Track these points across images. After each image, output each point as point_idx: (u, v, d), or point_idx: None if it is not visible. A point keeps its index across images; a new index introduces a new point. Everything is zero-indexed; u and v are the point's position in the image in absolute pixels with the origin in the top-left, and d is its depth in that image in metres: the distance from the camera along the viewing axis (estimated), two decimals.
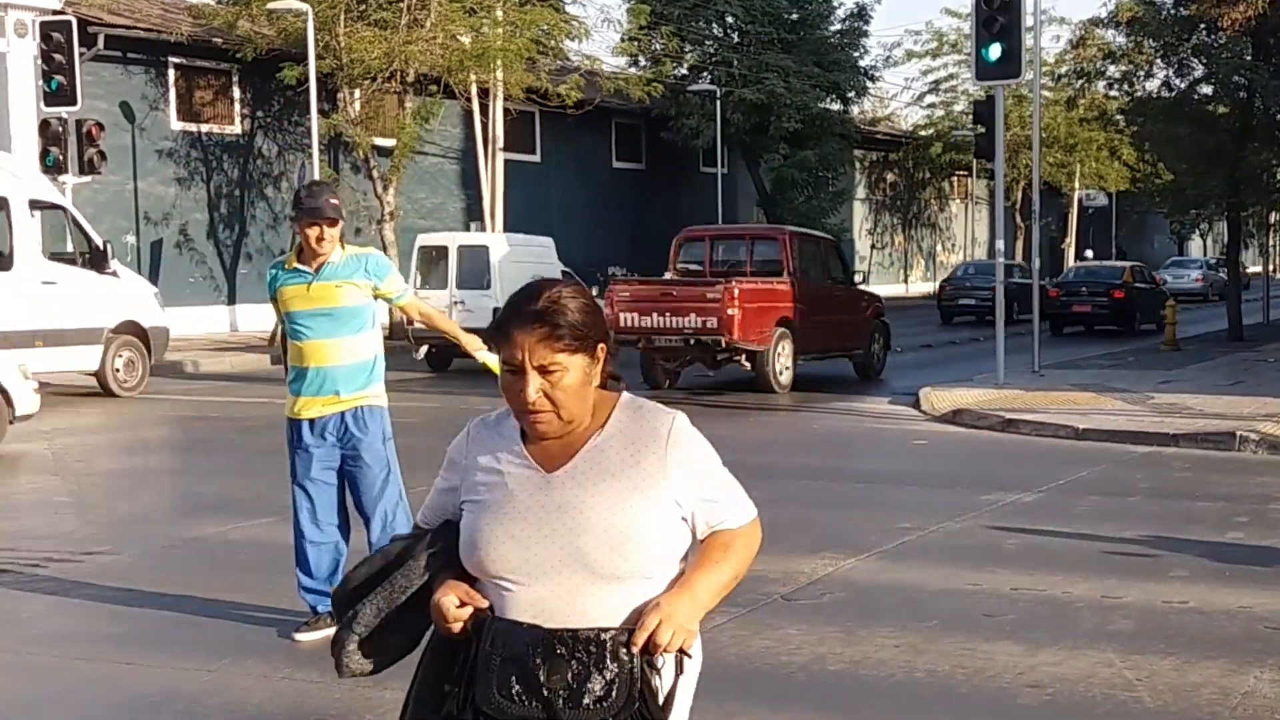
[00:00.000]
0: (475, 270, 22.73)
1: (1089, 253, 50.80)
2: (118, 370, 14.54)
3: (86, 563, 8.37)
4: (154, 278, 28.22)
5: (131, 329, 14.94)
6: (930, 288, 50.24)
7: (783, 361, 18.78)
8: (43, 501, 11.17)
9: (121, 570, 8.21)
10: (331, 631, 6.67)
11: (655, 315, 18.30)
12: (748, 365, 18.51)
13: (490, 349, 6.10)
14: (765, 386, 18.42)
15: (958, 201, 58.21)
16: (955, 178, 56.04)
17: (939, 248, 57.68)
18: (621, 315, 18.28)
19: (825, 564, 8.24)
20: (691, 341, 18.31)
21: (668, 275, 20.44)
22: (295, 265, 6.50)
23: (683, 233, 21.27)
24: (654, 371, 19.09)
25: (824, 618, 7.07)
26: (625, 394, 2.83)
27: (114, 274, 14.63)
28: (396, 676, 5.95)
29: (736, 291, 18.00)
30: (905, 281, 54.84)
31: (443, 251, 23.07)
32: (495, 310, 22.55)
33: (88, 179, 22.63)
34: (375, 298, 6.59)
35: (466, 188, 34.47)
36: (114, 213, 27.49)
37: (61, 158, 21.33)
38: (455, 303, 22.30)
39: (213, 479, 11.81)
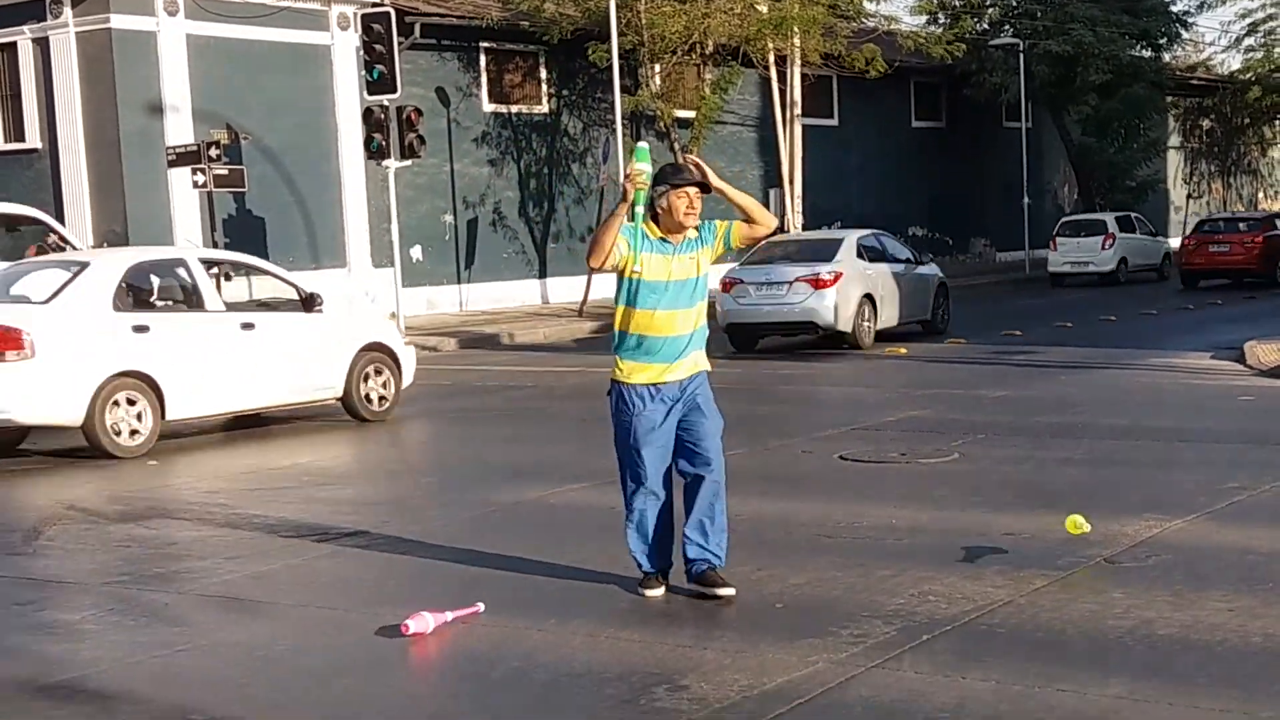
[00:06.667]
0: None
1: None
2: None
3: (417, 527, 8.85)
4: (470, 254, 29.52)
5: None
6: None
7: None
8: (375, 470, 11.86)
9: (449, 533, 8.64)
10: (662, 590, 6.83)
11: None
12: None
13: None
14: None
15: None
16: (1276, 122, 53.07)
17: (1260, 194, 54.84)
18: None
19: (1149, 525, 7.99)
20: None
21: None
22: (661, 236, 6.73)
23: None
24: None
25: (1150, 581, 6.88)
26: None
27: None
28: (716, 638, 6.04)
29: None
30: None
31: None
32: None
33: (408, 163, 23.68)
34: (713, 262, 6.93)
35: (764, 154, 34.53)
36: (432, 194, 28.70)
37: (384, 144, 22.35)
38: None
39: (527, 445, 12.26)
